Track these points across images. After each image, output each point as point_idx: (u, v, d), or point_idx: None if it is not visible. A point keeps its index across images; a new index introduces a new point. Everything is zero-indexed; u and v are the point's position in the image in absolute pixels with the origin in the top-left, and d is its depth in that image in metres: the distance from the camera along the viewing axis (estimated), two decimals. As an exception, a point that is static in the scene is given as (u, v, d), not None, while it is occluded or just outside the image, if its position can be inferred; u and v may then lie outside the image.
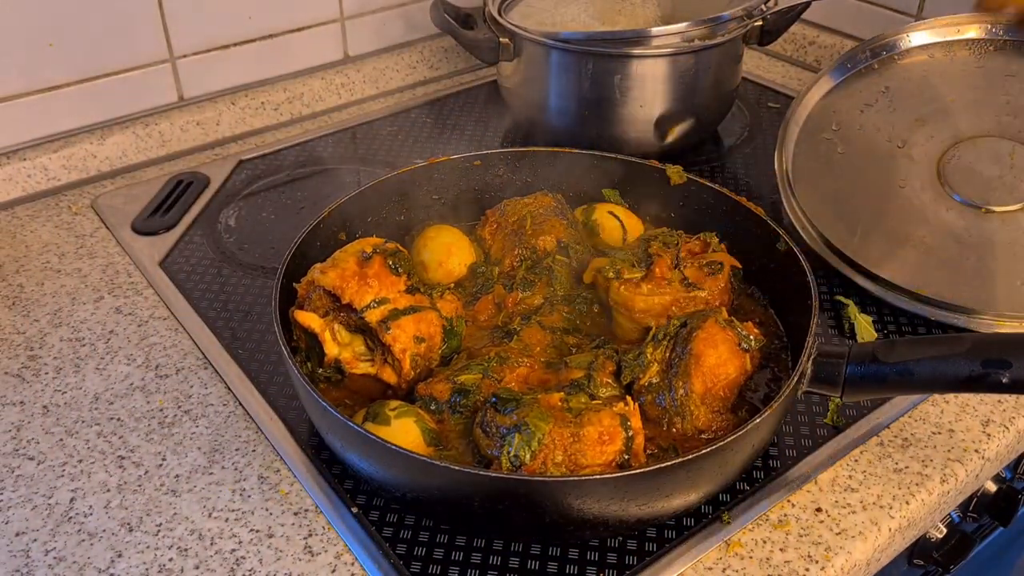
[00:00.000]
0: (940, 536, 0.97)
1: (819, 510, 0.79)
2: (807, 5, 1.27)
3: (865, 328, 0.97)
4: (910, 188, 1.07)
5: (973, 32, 1.19)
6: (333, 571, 0.74)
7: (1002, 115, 1.10)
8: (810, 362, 0.76)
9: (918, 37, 1.20)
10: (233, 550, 0.76)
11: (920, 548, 0.97)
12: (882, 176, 1.09)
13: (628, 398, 0.77)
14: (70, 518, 0.79)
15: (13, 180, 1.22)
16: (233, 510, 0.79)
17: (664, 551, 0.75)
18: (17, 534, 0.77)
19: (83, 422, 0.88)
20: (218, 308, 1.02)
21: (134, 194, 1.23)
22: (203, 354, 0.96)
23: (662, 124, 1.24)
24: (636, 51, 1.17)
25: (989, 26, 1.18)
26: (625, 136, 1.25)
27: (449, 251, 0.97)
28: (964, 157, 1.07)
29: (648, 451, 0.77)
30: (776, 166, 1.13)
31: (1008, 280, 0.97)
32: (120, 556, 0.75)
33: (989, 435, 0.87)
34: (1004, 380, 0.71)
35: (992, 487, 1.01)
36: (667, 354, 0.81)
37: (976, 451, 0.85)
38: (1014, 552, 1.35)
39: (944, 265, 0.99)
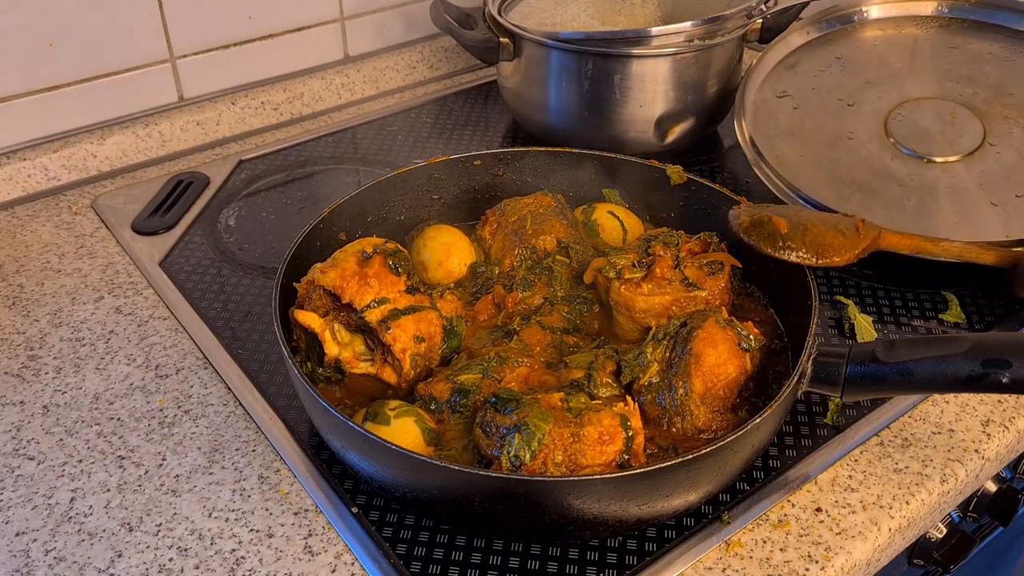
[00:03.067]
0: (940, 536, 0.97)
1: (819, 510, 0.79)
2: (806, 4, 1.27)
3: (865, 328, 0.97)
4: (858, 140, 1.15)
5: (923, 11, 1.29)
6: (333, 571, 0.74)
7: (944, 81, 1.19)
8: (810, 362, 0.77)
9: (872, 12, 1.29)
10: (233, 550, 0.76)
11: (920, 548, 0.97)
12: (833, 130, 1.17)
13: (628, 398, 0.77)
14: (70, 518, 0.79)
15: (13, 180, 1.22)
16: (233, 510, 0.79)
17: (664, 551, 0.75)
18: (17, 534, 0.77)
19: (83, 422, 0.88)
20: (218, 308, 1.02)
21: (134, 194, 1.23)
22: (203, 354, 0.96)
23: (662, 124, 1.25)
24: (636, 51, 1.17)
25: (937, 4, 1.27)
26: (625, 136, 1.25)
27: (449, 251, 0.97)
28: (909, 115, 1.16)
29: (648, 451, 0.77)
30: (737, 132, 1.19)
31: (946, 216, 1.04)
32: (120, 556, 0.75)
33: (989, 435, 0.87)
34: (1004, 380, 0.71)
35: (992, 487, 1.01)
36: (667, 354, 0.81)
37: (976, 451, 0.85)
38: (1014, 552, 1.35)
39: (888, 205, 1.06)
